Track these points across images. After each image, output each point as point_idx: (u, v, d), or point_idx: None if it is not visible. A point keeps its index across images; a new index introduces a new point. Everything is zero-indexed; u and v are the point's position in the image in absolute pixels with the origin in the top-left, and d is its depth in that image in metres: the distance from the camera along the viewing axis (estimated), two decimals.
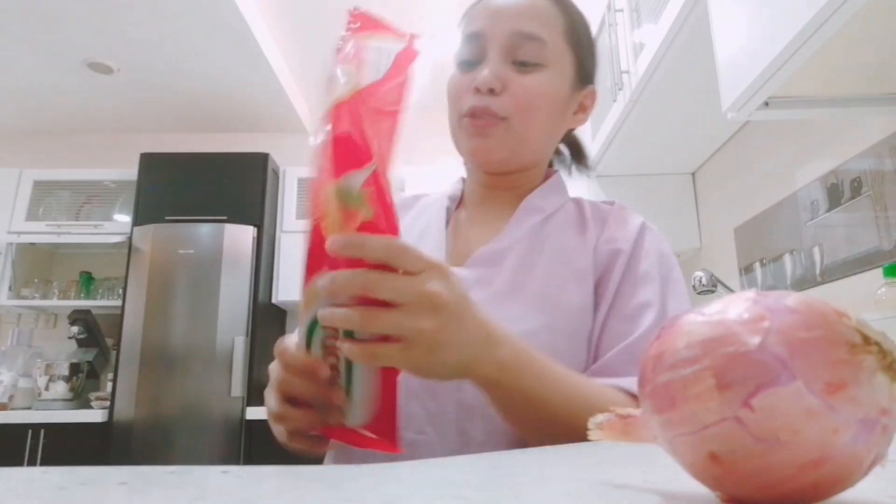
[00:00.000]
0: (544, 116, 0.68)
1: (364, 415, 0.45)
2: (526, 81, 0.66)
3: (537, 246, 0.67)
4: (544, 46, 0.67)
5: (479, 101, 0.66)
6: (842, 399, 0.19)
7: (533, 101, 0.66)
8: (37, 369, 3.03)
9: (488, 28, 0.67)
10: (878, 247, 1.39)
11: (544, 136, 0.71)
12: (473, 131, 0.67)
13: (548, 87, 0.67)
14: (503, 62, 0.66)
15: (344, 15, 0.53)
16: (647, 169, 2.40)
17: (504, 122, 0.66)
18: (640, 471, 0.29)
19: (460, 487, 0.25)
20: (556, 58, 0.68)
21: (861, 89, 1.20)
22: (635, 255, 0.66)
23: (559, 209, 0.73)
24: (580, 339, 0.62)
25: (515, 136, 0.67)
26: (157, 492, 0.22)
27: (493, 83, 0.65)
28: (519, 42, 0.66)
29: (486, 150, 0.67)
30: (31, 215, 3.37)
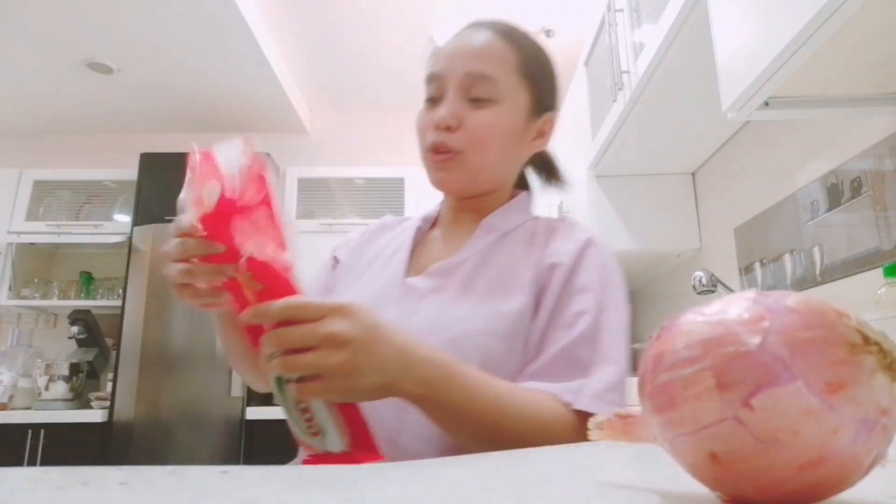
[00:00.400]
0: (497, 147, 0.76)
1: (342, 440, 0.53)
2: (479, 117, 0.74)
3: (488, 260, 0.75)
4: (496, 84, 0.74)
5: (437, 137, 0.75)
6: (842, 399, 0.19)
7: (485, 134, 0.74)
8: (37, 369, 3.03)
9: (446, 69, 0.75)
10: (878, 247, 1.39)
11: (499, 165, 0.79)
12: (435, 166, 0.76)
13: (500, 120, 0.75)
14: (459, 100, 0.74)
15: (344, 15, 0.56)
16: (647, 169, 2.40)
17: (460, 156, 0.74)
18: (640, 471, 0.29)
19: (460, 487, 0.25)
20: (508, 92, 0.75)
21: (861, 89, 1.20)
22: (576, 268, 0.72)
23: (518, 227, 0.80)
24: (516, 341, 0.68)
25: (471, 168, 0.75)
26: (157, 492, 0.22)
27: (449, 120, 0.74)
28: (472, 81, 0.74)
29: (447, 181, 0.77)
30: (31, 215, 3.37)
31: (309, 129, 3.85)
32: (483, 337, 0.67)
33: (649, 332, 2.86)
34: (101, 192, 3.46)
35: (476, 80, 0.74)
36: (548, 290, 0.71)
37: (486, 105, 0.74)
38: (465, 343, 0.66)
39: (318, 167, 3.57)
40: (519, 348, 0.68)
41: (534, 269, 0.73)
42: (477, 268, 0.74)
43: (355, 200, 3.46)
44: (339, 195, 3.48)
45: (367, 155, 3.75)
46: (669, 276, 2.65)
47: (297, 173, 3.48)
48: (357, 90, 3.63)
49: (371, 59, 3.30)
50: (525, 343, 0.69)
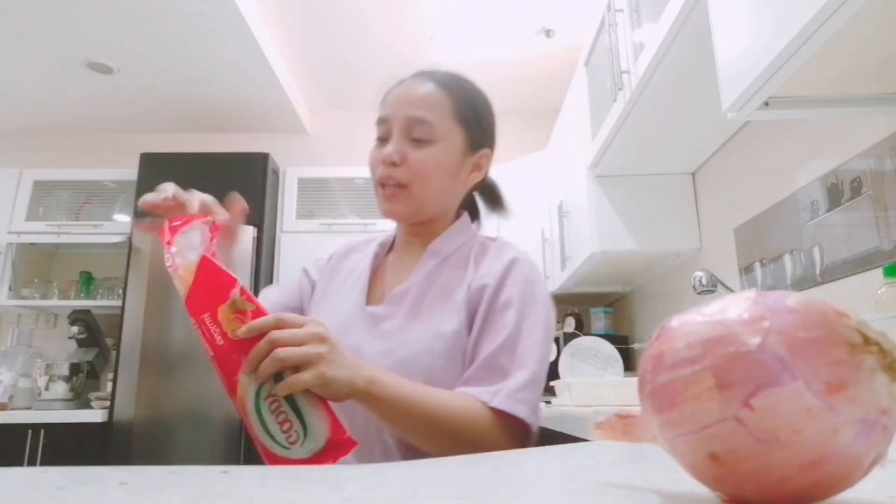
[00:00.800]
0: (437, 181, 0.88)
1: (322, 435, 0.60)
2: (419, 155, 0.86)
3: (430, 285, 0.88)
4: (433, 126, 0.86)
5: (384, 171, 0.87)
6: (842, 399, 0.19)
7: (425, 170, 0.86)
8: (37, 369, 3.03)
9: (391, 113, 0.88)
10: (878, 247, 1.39)
11: (441, 196, 0.90)
12: (384, 198, 0.88)
13: (437, 157, 0.87)
14: (403, 140, 0.87)
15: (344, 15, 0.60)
16: (647, 169, 2.40)
17: (405, 190, 0.87)
18: (640, 471, 0.29)
19: (460, 487, 0.25)
20: (444, 134, 0.87)
21: (861, 89, 1.20)
22: (500, 287, 0.84)
23: (459, 248, 0.92)
24: (453, 358, 0.81)
25: (415, 199, 0.87)
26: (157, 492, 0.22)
27: (394, 157, 0.86)
28: (413, 124, 0.86)
29: (395, 211, 0.89)
30: (31, 215, 3.37)
31: (309, 129, 3.85)
32: (426, 356, 0.80)
33: (649, 332, 2.86)
34: (101, 192, 3.45)
35: (416, 124, 0.86)
36: (478, 309, 0.83)
37: (425, 145, 0.86)
38: (412, 362, 0.80)
39: (318, 167, 3.57)
40: (457, 364, 0.81)
41: (466, 291, 0.85)
42: (422, 292, 0.87)
43: (355, 200, 3.46)
44: (339, 195, 3.48)
45: (367, 155, 3.75)
46: (669, 276, 2.65)
47: (297, 173, 3.48)
48: (357, 90, 3.64)
49: (371, 59, 3.31)
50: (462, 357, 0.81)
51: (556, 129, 3.07)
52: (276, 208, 3.37)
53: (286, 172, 3.47)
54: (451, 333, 0.81)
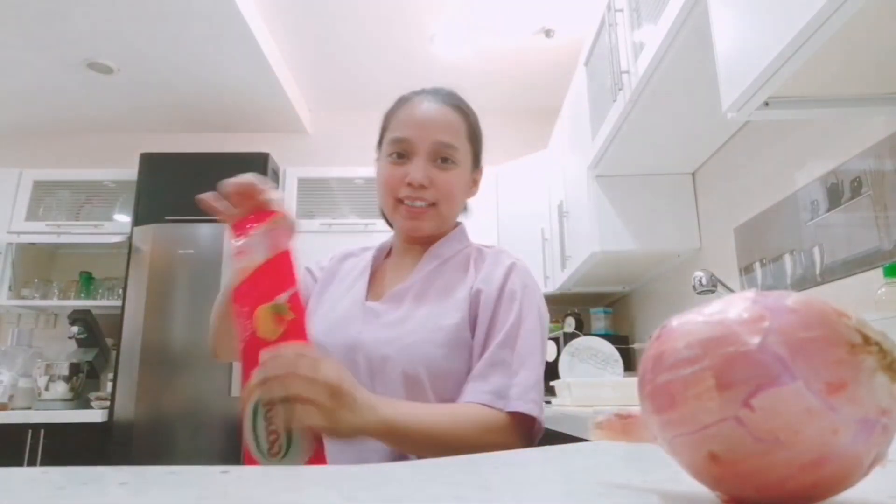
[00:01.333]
0: (458, 198, 0.96)
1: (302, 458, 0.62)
2: (446, 177, 0.93)
3: (431, 284, 0.93)
4: (457, 151, 0.93)
5: (412, 193, 0.91)
6: (842, 399, 0.19)
7: (452, 190, 0.94)
8: (37, 369, 3.03)
9: (416, 136, 0.92)
10: (878, 247, 1.39)
11: (457, 212, 1.00)
12: (409, 216, 0.93)
13: (460, 178, 0.95)
14: (428, 164, 0.92)
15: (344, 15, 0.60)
16: (647, 169, 2.40)
17: (434, 208, 0.93)
18: (640, 471, 0.29)
19: (460, 487, 0.25)
20: (463, 156, 0.95)
21: (861, 89, 1.20)
22: (501, 291, 0.89)
23: (457, 254, 0.98)
24: (454, 349, 0.85)
25: (441, 217, 0.95)
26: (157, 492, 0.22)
27: (424, 181, 0.91)
28: (439, 149, 0.92)
29: (420, 229, 0.94)
30: (31, 215, 3.37)
31: (309, 129, 3.85)
32: (428, 345, 0.84)
33: (649, 332, 2.86)
34: (101, 192, 3.45)
35: (442, 148, 0.92)
36: (479, 312, 0.88)
37: (450, 167, 0.93)
38: (415, 350, 0.83)
39: (318, 167, 3.56)
40: (458, 355, 0.85)
41: (466, 292, 0.90)
42: (423, 290, 0.92)
43: (355, 200, 3.46)
44: (339, 195, 3.48)
45: (367, 155, 3.73)
46: (669, 276, 2.65)
47: (297, 173, 3.48)
48: (357, 90, 3.63)
49: (371, 59, 3.30)
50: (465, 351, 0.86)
51: (556, 129, 3.07)
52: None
53: (286, 172, 3.47)
54: (452, 327, 0.86)
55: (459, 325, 0.86)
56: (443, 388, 0.85)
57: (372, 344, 0.86)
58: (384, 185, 0.95)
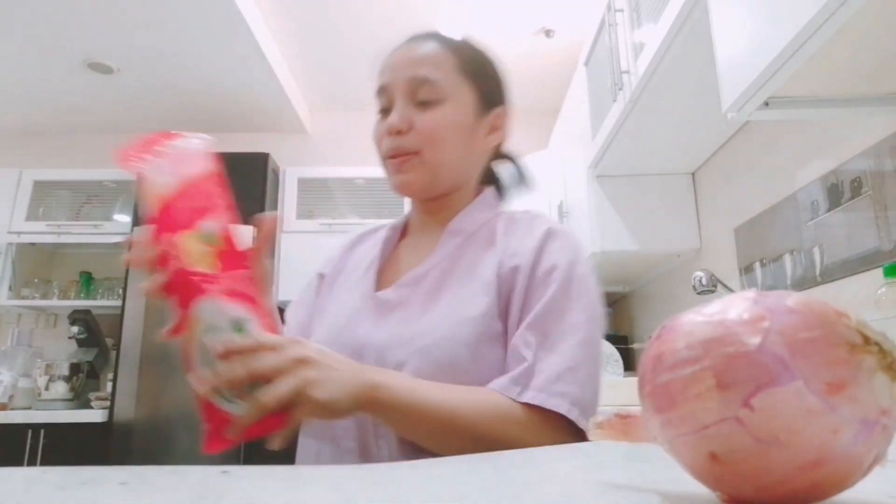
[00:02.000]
0: (451, 143, 0.78)
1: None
2: (427, 117, 0.77)
3: (453, 266, 0.77)
4: (437, 85, 0.78)
5: (392, 143, 0.78)
6: (842, 399, 0.19)
7: (436, 132, 0.77)
8: (37, 369, 3.03)
9: (391, 80, 0.80)
10: (878, 247, 1.39)
11: (457, 161, 0.81)
12: (393, 169, 0.79)
13: (448, 117, 0.78)
14: (407, 105, 0.78)
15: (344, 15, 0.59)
16: (647, 169, 2.40)
17: (417, 156, 0.77)
18: (640, 471, 0.29)
19: (460, 487, 0.25)
20: (452, 91, 0.79)
21: (861, 89, 1.20)
22: (535, 265, 0.73)
23: (482, 226, 0.82)
24: (483, 346, 0.70)
25: (429, 165, 0.78)
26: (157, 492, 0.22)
27: (400, 125, 0.77)
28: (415, 86, 0.78)
29: (408, 182, 0.79)
30: (31, 215, 3.37)
31: (309, 129, 3.85)
32: (450, 345, 0.69)
33: (649, 332, 2.86)
34: (101, 192, 3.45)
35: (419, 85, 0.78)
36: (512, 293, 0.72)
37: (432, 106, 0.77)
38: (434, 352, 0.69)
39: (318, 167, 3.56)
40: (488, 353, 0.70)
41: (495, 269, 0.74)
42: (443, 275, 0.76)
43: (355, 200, 3.46)
44: (339, 195, 3.48)
45: (367, 155, 3.72)
46: (669, 276, 2.65)
47: (297, 173, 3.48)
48: (357, 90, 3.63)
49: (371, 59, 3.30)
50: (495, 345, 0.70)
51: (556, 129, 3.07)
52: (276, 208, 3.37)
53: (286, 172, 3.47)
54: (479, 318, 0.70)
55: (487, 314, 0.71)
56: None
57: (383, 347, 0.72)
58: (375, 145, 0.82)
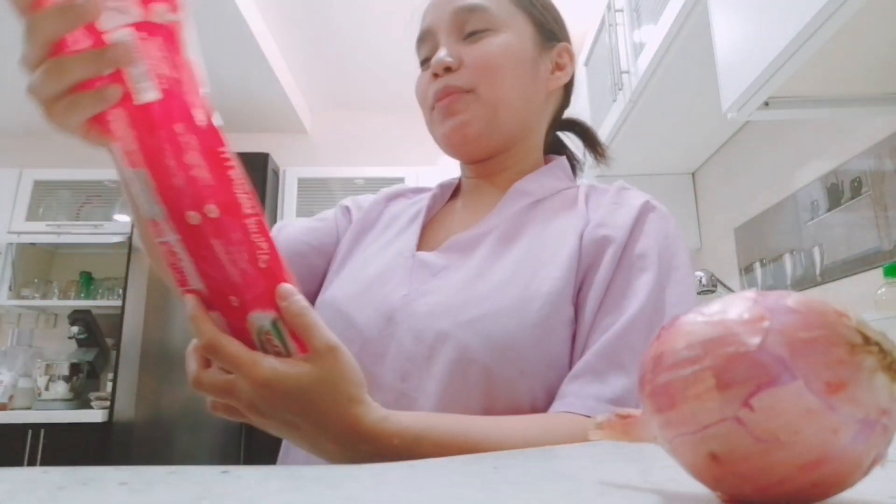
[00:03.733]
0: (511, 75, 0.65)
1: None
2: (480, 48, 0.64)
3: (517, 230, 0.63)
4: (489, 12, 0.65)
5: (439, 83, 0.65)
6: (842, 399, 0.19)
7: (492, 61, 0.64)
8: (37, 369, 3.03)
9: (433, 19, 0.68)
10: (878, 247, 1.39)
11: (517, 97, 0.66)
12: (444, 114, 0.65)
13: (504, 46, 0.65)
14: (454, 41, 0.66)
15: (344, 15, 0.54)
16: (647, 169, 2.40)
17: (471, 94, 0.64)
18: (640, 471, 0.29)
19: (460, 487, 0.25)
20: (506, 20, 0.66)
21: (861, 89, 1.20)
22: (631, 242, 0.59)
23: (556, 194, 0.68)
24: (549, 330, 0.55)
25: (487, 103, 0.64)
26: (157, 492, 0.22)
27: (448, 61, 0.64)
28: (463, 17, 0.65)
29: (461, 127, 0.64)
30: (31, 215, 3.37)
31: (309, 129, 3.85)
32: (509, 321, 0.54)
33: None
34: (101, 192, 3.45)
35: (467, 15, 0.65)
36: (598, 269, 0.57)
37: (484, 36, 0.65)
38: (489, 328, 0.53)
39: (318, 167, 3.57)
40: (554, 340, 0.55)
41: (576, 241, 0.59)
42: (504, 240, 0.62)
43: None
44: (339, 195, 3.47)
45: (367, 155, 3.75)
46: None
47: (297, 173, 3.48)
48: (357, 90, 3.63)
49: (371, 59, 3.30)
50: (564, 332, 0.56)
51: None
52: (276, 208, 3.37)
53: (286, 172, 3.47)
54: (553, 294, 0.55)
55: (562, 290, 0.56)
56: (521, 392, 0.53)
57: (422, 314, 0.56)
58: (419, 100, 0.69)
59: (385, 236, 0.69)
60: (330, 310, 0.62)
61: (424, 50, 0.69)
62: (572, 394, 0.52)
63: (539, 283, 0.56)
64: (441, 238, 0.66)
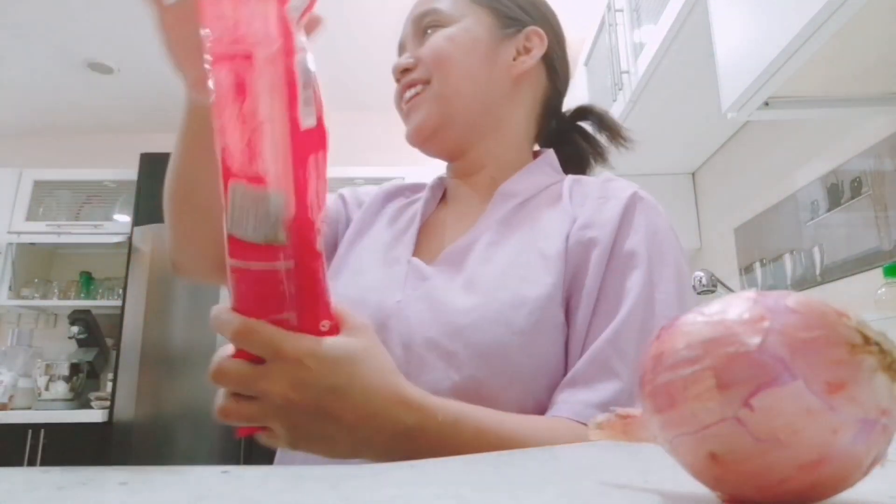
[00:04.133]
0: (461, 64, 0.66)
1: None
2: (429, 41, 0.67)
3: (504, 236, 0.62)
4: (440, 12, 0.68)
5: (402, 85, 0.69)
6: (842, 399, 0.19)
7: (441, 52, 0.66)
8: (37, 369, 3.03)
9: (403, 34, 0.72)
10: (878, 247, 1.39)
11: (471, 85, 0.67)
12: (406, 116, 0.68)
13: (454, 37, 0.67)
14: (416, 45, 0.69)
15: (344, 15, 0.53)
16: (647, 169, 2.40)
17: (426, 87, 0.66)
18: (640, 471, 0.29)
19: (460, 487, 0.25)
20: (458, 14, 0.68)
21: (861, 89, 1.20)
22: (619, 240, 0.58)
23: (542, 191, 0.67)
24: (540, 335, 0.54)
25: (440, 95, 0.66)
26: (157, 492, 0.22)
27: (404, 63, 0.68)
28: (419, 22, 0.69)
29: (420, 124, 0.67)
30: (31, 215, 3.37)
31: None
32: (498, 329, 0.53)
33: None
34: (101, 192, 3.45)
35: (423, 19, 0.69)
36: (586, 272, 0.57)
37: (436, 31, 0.68)
38: (477, 337, 0.54)
39: None
40: (543, 344, 0.55)
41: (562, 243, 0.59)
42: (492, 245, 0.61)
43: None
44: None
45: (367, 155, 3.75)
46: None
47: None
48: (357, 90, 3.63)
49: (371, 59, 3.30)
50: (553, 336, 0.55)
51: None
52: None
53: None
54: (539, 301, 0.55)
55: (551, 298, 0.55)
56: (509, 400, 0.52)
57: (413, 322, 0.57)
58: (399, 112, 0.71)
59: (383, 239, 0.70)
60: None
61: (401, 62, 0.71)
62: (563, 401, 0.52)
63: (527, 289, 0.56)
64: (435, 246, 0.66)
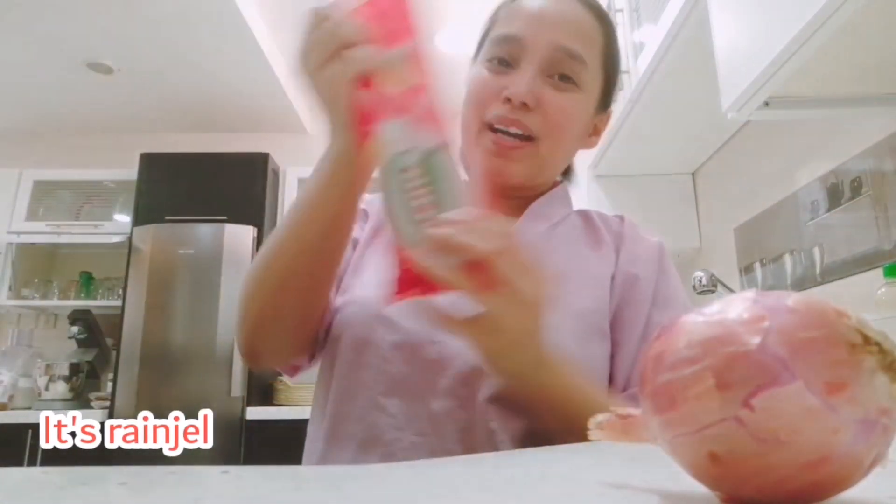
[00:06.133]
0: (570, 139, 0.67)
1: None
2: (561, 101, 0.63)
3: (546, 252, 0.65)
4: (584, 68, 0.64)
5: (508, 113, 0.62)
6: (842, 399, 0.19)
7: (565, 122, 0.64)
8: (37, 369, 3.03)
9: (529, 34, 0.63)
10: (878, 247, 1.39)
11: (566, 157, 0.71)
12: (495, 150, 0.63)
13: (579, 109, 0.65)
14: (540, 76, 0.63)
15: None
16: (647, 169, 2.40)
17: (532, 144, 0.63)
18: (640, 471, 0.29)
19: (460, 487, 0.25)
20: (590, 80, 0.65)
21: (861, 89, 1.20)
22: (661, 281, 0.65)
23: (564, 219, 0.71)
24: (591, 340, 0.60)
25: (540, 159, 0.64)
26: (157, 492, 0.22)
27: (528, 98, 0.61)
28: (560, 58, 0.63)
29: (507, 173, 0.64)
30: (31, 215, 3.36)
31: (309, 129, 3.85)
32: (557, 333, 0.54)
33: None
34: (101, 192, 3.45)
35: (565, 58, 0.62)
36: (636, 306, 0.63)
37: (569, 89, 0.63)
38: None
39: None
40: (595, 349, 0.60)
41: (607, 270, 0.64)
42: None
43: None
44: None
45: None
46: None
47: (297, 173, 3.47)
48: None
49: None
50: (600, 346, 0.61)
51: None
52: (276, 208, 3.37)
53: (286, 172, 3.47)
54: (588, 312, 0.61)
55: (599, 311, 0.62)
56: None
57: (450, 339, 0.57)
58: (471, 101, 0.66)
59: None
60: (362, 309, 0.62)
61: (503, 51, 0.65)
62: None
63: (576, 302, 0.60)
64: None
